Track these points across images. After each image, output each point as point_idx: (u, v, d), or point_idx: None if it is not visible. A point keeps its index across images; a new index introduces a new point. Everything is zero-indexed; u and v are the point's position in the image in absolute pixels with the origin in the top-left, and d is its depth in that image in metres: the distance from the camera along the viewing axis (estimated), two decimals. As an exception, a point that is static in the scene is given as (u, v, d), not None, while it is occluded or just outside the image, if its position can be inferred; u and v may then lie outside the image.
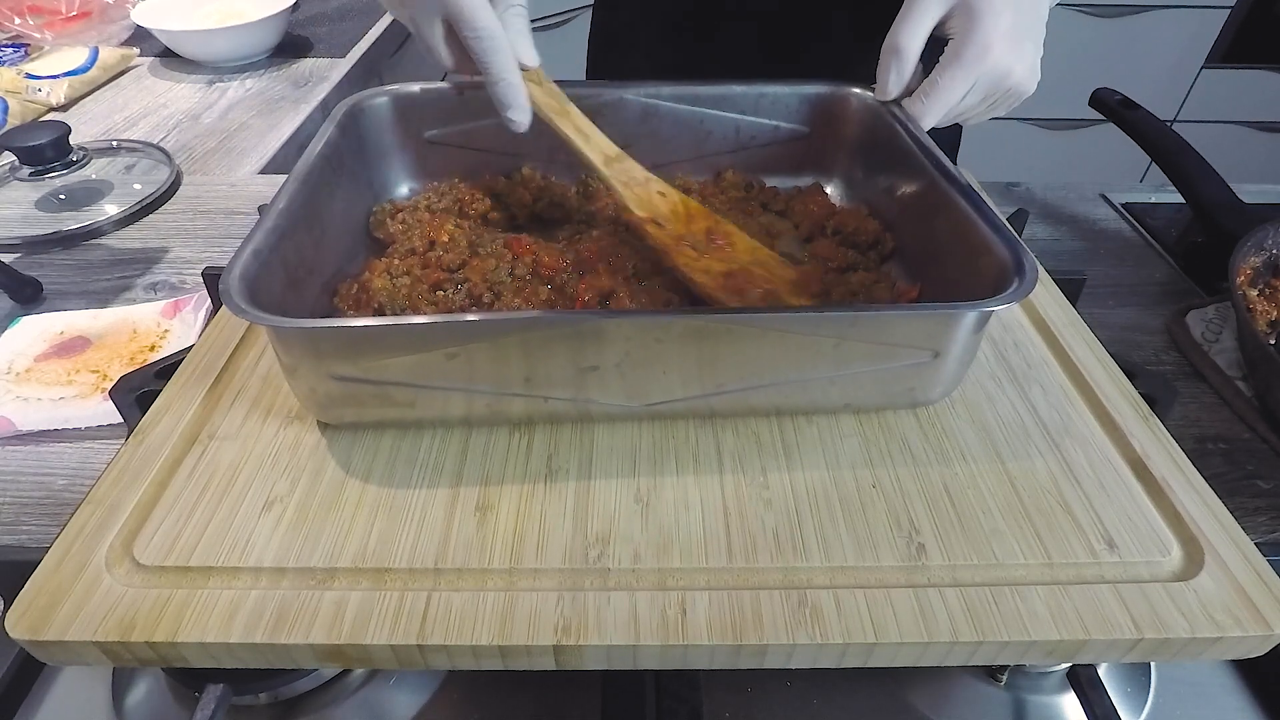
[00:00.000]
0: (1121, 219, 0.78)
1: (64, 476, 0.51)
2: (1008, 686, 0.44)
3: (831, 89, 0.61)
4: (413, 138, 0.60)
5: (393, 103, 0.59)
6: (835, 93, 0.60)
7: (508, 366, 0.40)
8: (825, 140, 0.62)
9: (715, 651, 0.35)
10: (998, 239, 0.42)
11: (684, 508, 0.40)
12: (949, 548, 0.38)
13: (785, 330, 0.39)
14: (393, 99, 0.59)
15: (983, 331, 0.42)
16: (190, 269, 0.70)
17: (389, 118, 0.59)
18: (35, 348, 0.59)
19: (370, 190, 0.59)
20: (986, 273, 0.42)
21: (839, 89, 0.60)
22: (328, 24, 1.23)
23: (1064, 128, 2.08)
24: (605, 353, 0.40)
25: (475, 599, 0.35)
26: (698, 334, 0.39)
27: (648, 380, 0.41)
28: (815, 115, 0.61)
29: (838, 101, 0.60)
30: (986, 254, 0.43)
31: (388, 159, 0.60)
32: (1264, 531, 0.48)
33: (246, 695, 0.42)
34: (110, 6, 1.16)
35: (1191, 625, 0.35)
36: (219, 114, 0.99)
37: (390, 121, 0.59)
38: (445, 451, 0.43)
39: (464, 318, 0.40)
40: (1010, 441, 0.44)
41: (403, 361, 0.39)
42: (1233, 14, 1.92)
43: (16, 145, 0.76)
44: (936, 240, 0.50)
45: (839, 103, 0.60)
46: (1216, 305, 0.64)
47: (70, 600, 0.35)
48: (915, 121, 0.53)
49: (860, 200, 0.60)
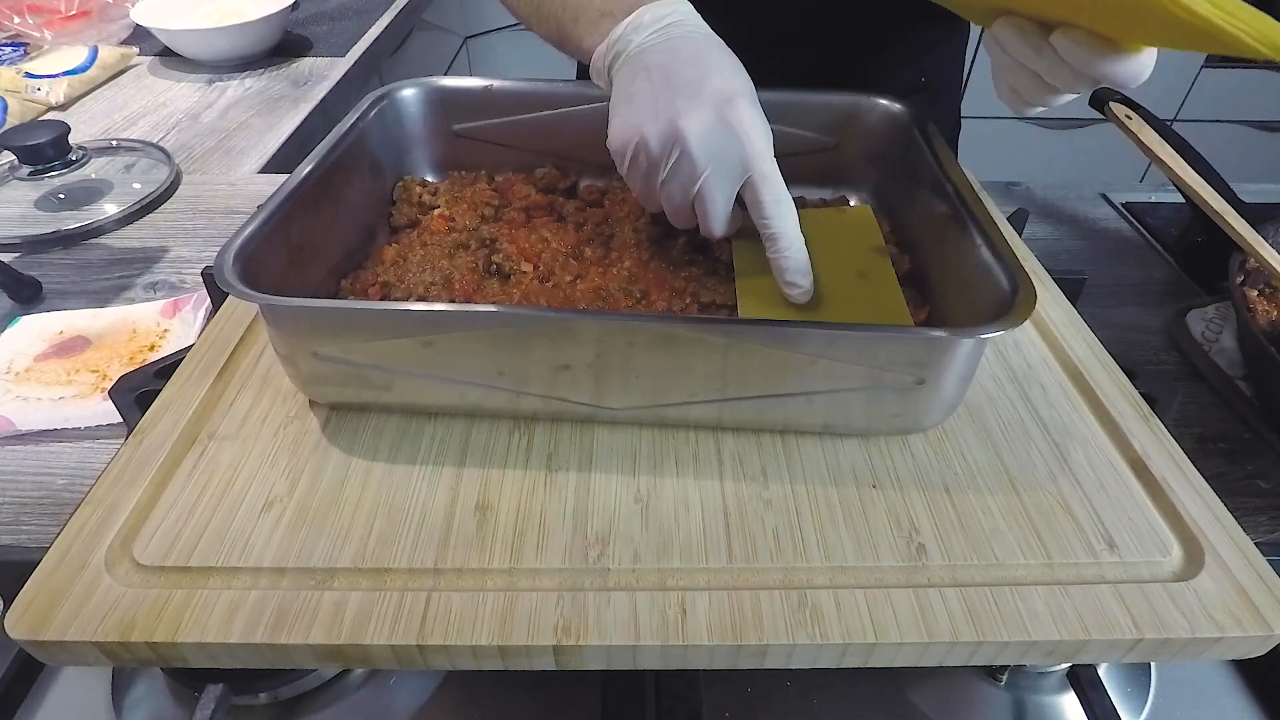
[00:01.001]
0: (1121, 219, 0.78)
1: (64, 476, 0.51)
2: (1008, 686, 0.44)
3: (859, 100, 0.60)
4: (440, 130, 0.61)
5: (423, 94, 0.60)
6: (863, 104, 0.60)
7: (481, 359, 0.40)
8: (853, 153, 0.62)
9: (715, 651, 0.35)
10: (999, 268, 0.42)
11: (684, 508, 0.40)
12: (949, 548, 0.38)
13: (757, 344, 0.39)
14: (423, 91, 0.60)
15: (976, 359, 0.41)
16: (190, 268, 0.70)
17: (418, 109, 0.60)
18: (35, 347, 0.59)
19: (391, 179, 0.60)
20: (986, 301, 0.42)
21: (867, 100, 0.60)
22: (327, 23, 1.23)
23: (1064, 128, 2.08)
24: (577, 352, 0.40)
25: (475, 599, 0.35)
26: (668, 341, 0.39)
27: (621, 384, 0.41)
28: (843, 127, 0.61)
29: (865, 114, 0.60)
30: (987, 282, 0.43)
31: (413, 149, 0.62)
32: (1264, 531, 0.48)
33: (246, 695, 0.42)
34: (110, 5, 1.16)
35: (1191, 625, 0.35)
36: (218, 113, 0.99)
37: (419, 112, 0.60)
38: (445, 452, 0.43)
39: (436, 307, 0.40)
40: (1010, 441, 0.43)
41: (378, 346, 0.40)
42: (1233, 14, 1.92)
43: (16, 144, 0.75)
44: (946, 263, 0.50)
45: (866, 115, 0.60)
46: (1216, 305, 0.64)
47: (70, 600, 0.35)
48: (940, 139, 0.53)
49: (882, 216, 0.60)
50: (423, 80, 0.60)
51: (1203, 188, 0.62)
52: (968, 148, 0.89)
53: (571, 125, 0.60)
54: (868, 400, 0.41)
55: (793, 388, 0.40)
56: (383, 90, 0.59)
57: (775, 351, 0.39)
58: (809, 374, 0.40)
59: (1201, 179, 0.64)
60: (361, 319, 0.40)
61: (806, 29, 0.72)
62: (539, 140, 0.61)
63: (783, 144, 0.61)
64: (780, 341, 0.39)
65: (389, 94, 0.59)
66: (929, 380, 0.40)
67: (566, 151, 0.62)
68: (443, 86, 0.61)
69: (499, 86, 0.60)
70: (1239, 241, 0.58)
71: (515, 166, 0.62)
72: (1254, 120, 2.08)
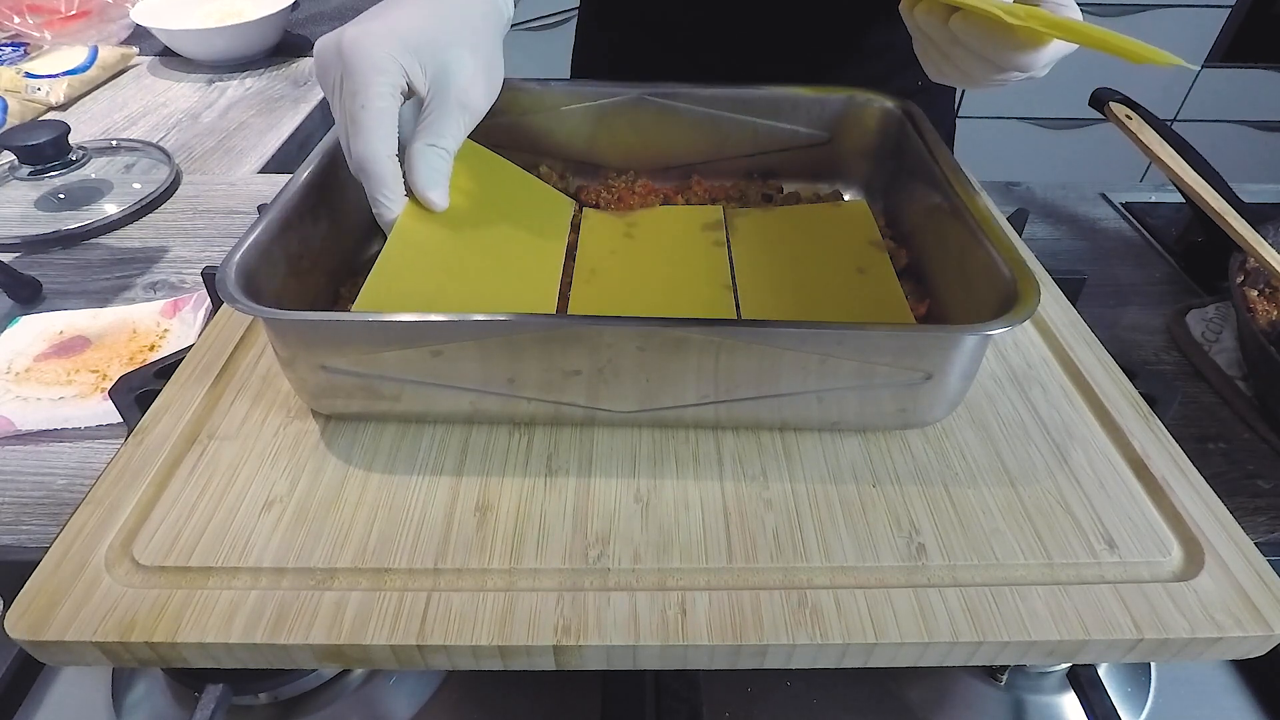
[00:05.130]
0: (1121, 219, 0.78)
1: (64, 476, 0.51)
2: (1008, 686, 0.44)
3: (853, 96, 0.60)
4: None
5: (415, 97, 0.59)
6: (857, 99, 0.60)
7: (492, 367, 0.40)
8: (845, 148, 0.61)
9: (715, 651, 0.35)
10: (1002, 263, 0.42)
11: (684, 508, 0.40)
12: (949, 548, 0.38)
13: (768, 345, 0.39)
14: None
15: (981, 355, 0.41)
16: (190, 268, 0.70)
17: (410, 111, 0.59)
18: (35, 347, 0.59)
19: None
20: (989, 296, 0.42)
21: (861, 96, 0.60)
22: (327, 23, 1.23)
23: (1064, 127, 2.08)
24: (588, 358, 0.39)
25: (475, 599, 0.35)
26: (680, 345, 0.39)
27: (632, 387, 0.41)
28: (836, 122, 0.61)
29: (859, 109, 0.60)
30: (990, 277, 0.43)
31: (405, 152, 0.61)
32: (1264, 531, 0.48)
33: (246, 695, 0.42)
34: (109, 5, 1.16)
35: (1192, 625, 0.35)
36: (218, 113, 0.99)
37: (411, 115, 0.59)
38: (445, 451, 0.42)
39: (447, 318, 0.39)
40: (1010, 441, 0.43)
41: (387, 357, 0.39)
42: (1233, 14, 1.92)
43: (16, 144, 0.75)
44: (946, 258, 0.50)
45: (860, 110, 0.60)
46: (1216, 305, 0.64)
47: (70, 600, 0.35)
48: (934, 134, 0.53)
49: (877, 210, 0.60)
50: None
51: (1203, 188, 0.63)
52: (968, 148, 0.89)
53: (565, 125, 0.60)
54: (875, 397, 0.41)
55: (804, 387, 0.41)
56: None
57: (792, 353, 0.39)
58: (821, 373, 0.40)
59: (1201, 179, 0.64)
60: (372, 331, 0.39)
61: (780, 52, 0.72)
62: (533, 141, 0.61)
63: (776, 139, 0.62)
64: (797, 343, 0.39)
65: None
66: (935, 375, 0.40)
67: (561, 152, 0.61)
68: None
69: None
70: (1239, 241, 0.58)
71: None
72: (1254, 120, 2.08)
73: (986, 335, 0.39)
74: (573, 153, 0.61)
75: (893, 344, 0.39)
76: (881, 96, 0.60)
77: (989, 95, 1.87)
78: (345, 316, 0.39)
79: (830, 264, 0.52)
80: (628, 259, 0.53)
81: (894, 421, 0.43)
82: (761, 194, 0.61)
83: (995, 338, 0.40)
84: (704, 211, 0.58)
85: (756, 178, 0.63)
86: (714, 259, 0.53)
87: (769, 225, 0.57)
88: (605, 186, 0.61)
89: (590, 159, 0.60)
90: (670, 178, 0.62)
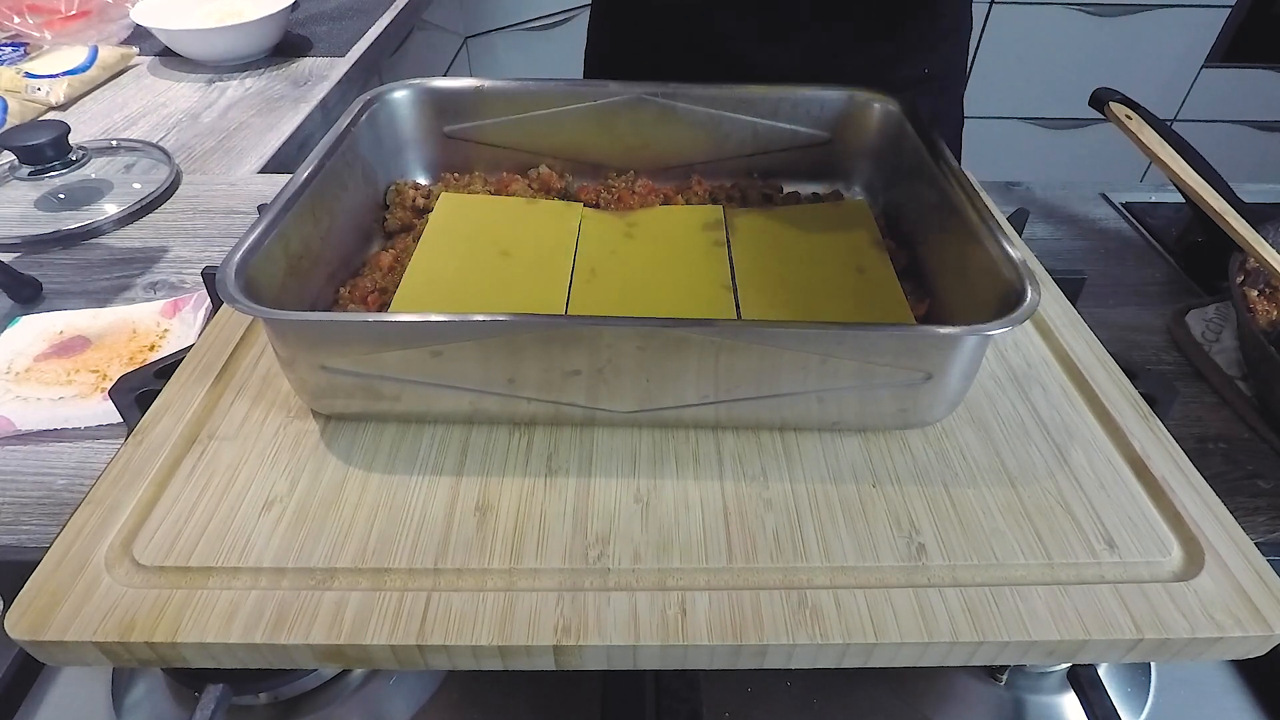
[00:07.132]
0: (1121, 219, 0.78)
1: (64, 476, 0.51)
2: (1008, 686, 0.44)
3: (853, 95, 0.60)
4: (432, 132, 0.61)
5: (414, 96, 0.60)
6: (857, 99, 0.60)
7: (492, 367, 0.40)
8: (845, 147, 0.61)
9: (715, 651, 0.35)
10: (1003, 262, 0.42)
11: (684, 508, 0.40)
12: (949, 548, 0.38)
13: (768, 345, 0.39)
14: (414, 92, 0.60)
15: (981, 355, 0.41)
16: (190, 268, 0.70)
17: (409, 111, 0.60)
18: (35, 347, 0.59)
19: (384, 182, 0.60)
20: (989, 296, 0.42)
21: (861, 95, 0.60)
22: (327, 23, 1.23)
23: (1064, 127, 2.08)
24: (588, 358, 0.39)
25: (475, 599, 0.35)
26: (680, 345, 0.39)
27: (632, 387, 0.41)
28: (836, 121, 0.61)
29: (859, 109, 0.60)
30: (990, 277, 0.43)
31: (405, 152, 0.61)
32: (1264, 531, 0.48)
33: (246, 695, 0.42)
34: (110, 5, 1.16)
35: (1192, 625, 0.35)
36: (218, 113, 0.99)
37: (410, 115, 0.60)
38: (445, 451, 0.42)
39: (447, 318, 0.39)
40: (1010, 441, 0.43)
41: (388, 357, 0.39)
42: (1233, 14, 1.92)
43: (16, 144, 0.75)
44: (946, 257, 0.50)
45: (860, 110, 0.60)
46: (1216, 305, 0.64)
47: (70, 600, 0.35)
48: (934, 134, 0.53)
49: (877, 210, 0.60)
50: (413, 82, 0.60)
51: (1203, 188, 0.62)
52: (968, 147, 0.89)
53: (565, 125, 0.60)
54: (875, 397, 0.41)
55: (804, 387, 0.41)
56: (373, 93, 0.59)
57: (792, 353, 0.39)
58: (821, 373, 0.40)
59: (1201, 179, 0.64)
60: (372, 331, 0.39)
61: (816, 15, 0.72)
62: (532, 141, 0.61)
63: (776, 139, 0.62)
64: (797, 343, 0.39)
65: (379, 97, 0.58)
66: (935, 375, 0.40)
67: (560, 152, 0.61)
68: (433, 88, 0.60)
69: (490, 87, 0.60)
70: (1239, 241, 0.58)
71: (509, 168, 0.62)
72: (1254, 120, 2.08)
73: (986, 335, 0.39)
74: (573, 153, 0.61)
75: (893, 344, 0.39)
76: (882, 96, 0.60)
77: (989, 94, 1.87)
78: (345, 316, 0.39)
79: (830, 264, 0.52)
80: (628, 259, 0.53)
81: (894, 421, 0.43)
82: (761, 194, 0.61)
83: (995, 338, 0.40)
84: (704, 211, 0.58)
85: (756, 177, 0.63)
86: (714, 259, 0.53)
87: (769, 225, 0.57)
88: (605, 186, 0.60)
89: (590, 159, 0.60)
90: (670, 178, 0.62)
